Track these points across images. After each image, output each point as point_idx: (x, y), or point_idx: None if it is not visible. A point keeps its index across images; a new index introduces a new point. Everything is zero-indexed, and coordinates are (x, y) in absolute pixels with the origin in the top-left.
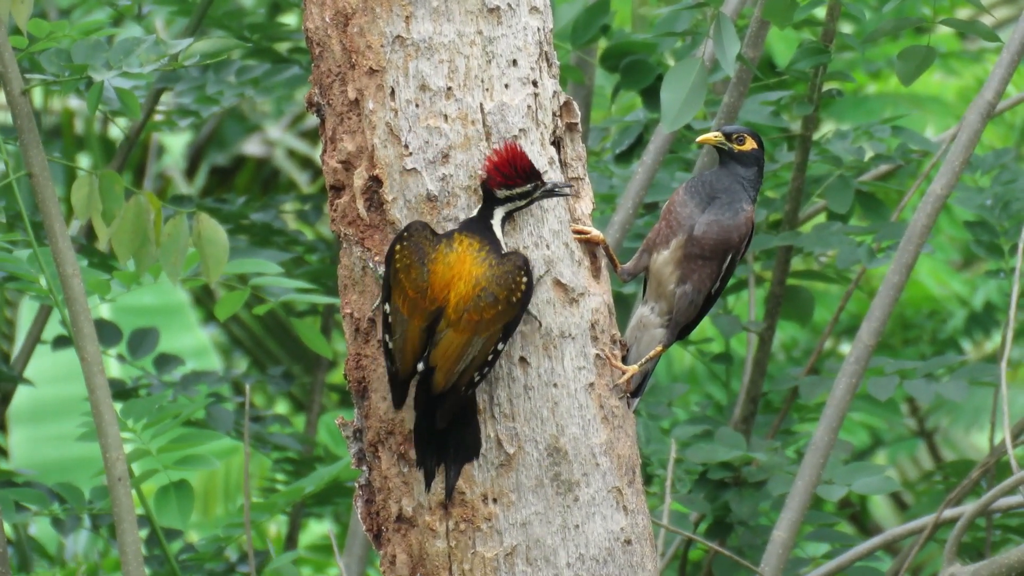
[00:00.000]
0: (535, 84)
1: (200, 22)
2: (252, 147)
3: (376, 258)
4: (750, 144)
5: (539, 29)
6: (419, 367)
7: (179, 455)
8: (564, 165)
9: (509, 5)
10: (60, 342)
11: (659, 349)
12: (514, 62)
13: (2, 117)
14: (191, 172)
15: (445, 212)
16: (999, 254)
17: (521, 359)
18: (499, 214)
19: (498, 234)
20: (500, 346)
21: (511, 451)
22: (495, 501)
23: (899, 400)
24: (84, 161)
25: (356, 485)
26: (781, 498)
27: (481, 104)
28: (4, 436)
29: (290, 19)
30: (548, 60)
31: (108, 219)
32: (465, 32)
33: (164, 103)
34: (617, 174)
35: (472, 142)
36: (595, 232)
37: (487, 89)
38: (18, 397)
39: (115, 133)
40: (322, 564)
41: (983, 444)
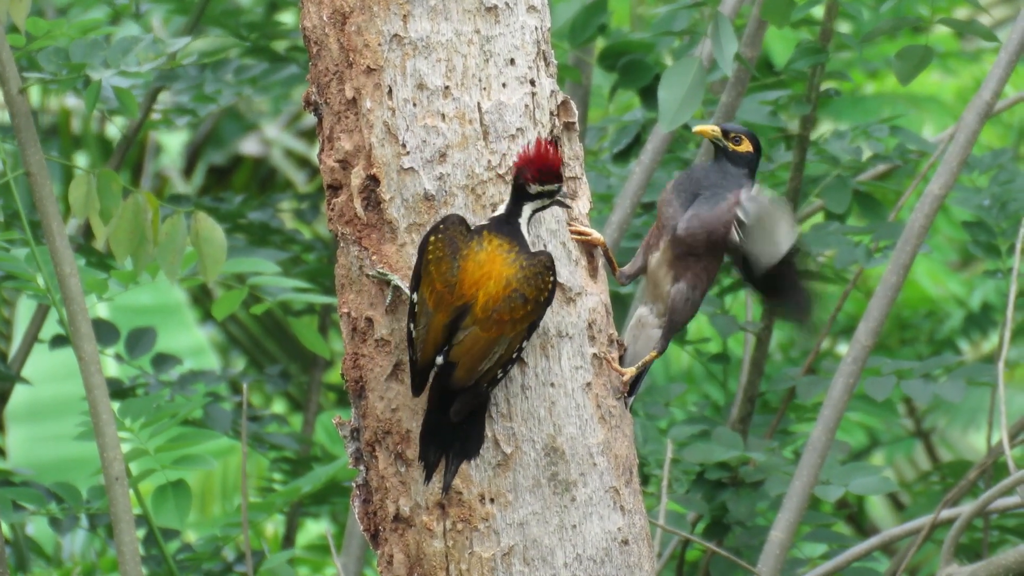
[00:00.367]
0: (533, 83)
1: (198, 20)
2: (249, 146)
3: (373, 257)
4: (746, 146)
5: (537, 28)
6: (438, 360)
7: (177, 455)
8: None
9: (507, 4)
10: (57, 341)
11: (654, 354)
12: (512, 61)
13: (1, 116)
14: (188, 171)
15: (442, 211)
16: (996, 254)
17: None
18: (527, 212)
19: (525, 233)
20: (524, 344)
21: (508, 451)
22: (492, 501)
23: (896, 400)
24: (81, 160)
25: (353, 485)
26: (778, 498)
27: (479, 103)
28: (2, 435)
29: (287, 18)
30: (546, 59)
31: (106, 218)
32: (463, 31)
33: (161, 102)
34: (615, 173)
35: (469, 141)
36: (595, 234)
37: (484, 88)
38: (15, 396)
39: (112, 132)
40: (319, 564)
41: (980, 444)
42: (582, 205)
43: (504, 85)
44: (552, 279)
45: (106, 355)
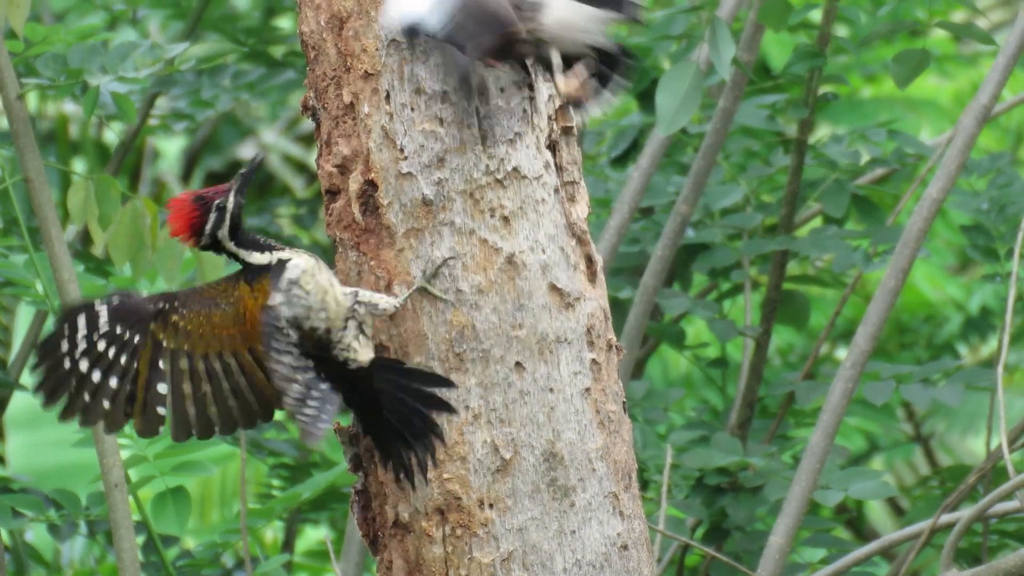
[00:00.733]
0: (530, 88)
1: (195, 26)
2: (247, 151)
3: (371, 262)
4: None
5: None
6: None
7: (176, 461)
8: (559, 169)
9: None
10: None
11: None
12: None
13: None
14: (186, 176)
15: (440, 216)
16: (995, 258)
17: (517, 364)
18: (225, 237)
19: (242, 254)
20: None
21: (507, 456)
22: (491, 506)
23: (895, 405)
24: (79, 166)
25: (352, 491)
26: (778, 503)
27: (476, 108)
28: (1, 442)
29: (285, 23)
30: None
31: (104, 224)
32: None
33: (159, 107)
34: (613, 178)
35: (468, 146)
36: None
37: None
38: (14, 403)
39: (110, 138)
40: (319, 570)
41: (979, 449)
42: (580, 210)
43: (502, 89)
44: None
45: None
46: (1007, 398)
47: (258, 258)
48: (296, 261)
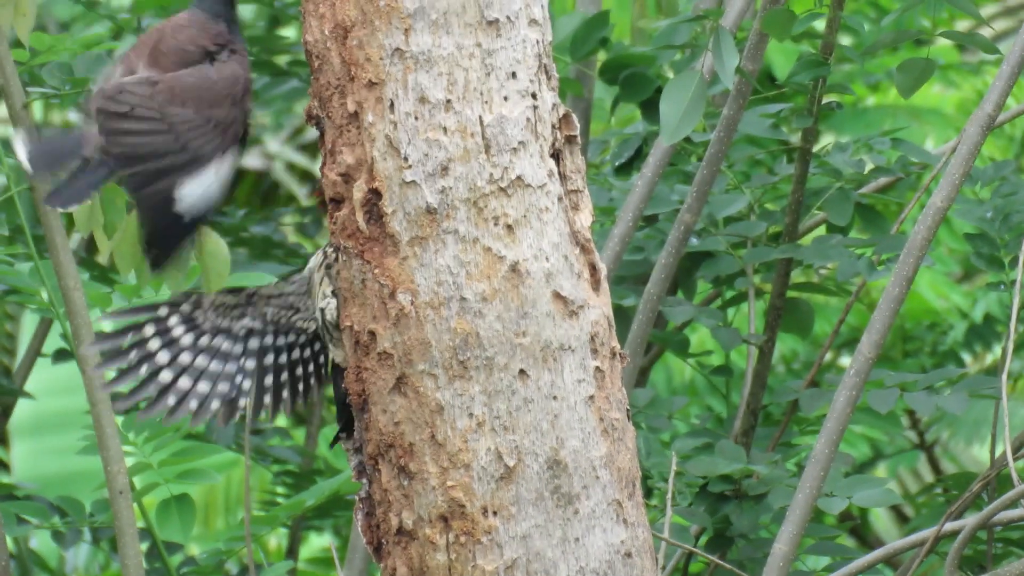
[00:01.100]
0: (534, 96)
1: None
2: (251, 160)
3: (375, 271)
4: None
5: (538, 42)
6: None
7: (180, 468)
8: (563, 178)
9: (508, 18)
10: (61, 355)
11: None
12: (513, 75)
13: (3, 131)
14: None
15: (444, 224)
16: (999, 266)
17: (521, 372)
18: None
19: None
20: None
21: (511, 464)
22: (495, 514)
23: (899, 412)
24: None
25: (356, 498)
26: (782, 511)
27: (480, 116)
28: (5, 449)
29: (289, 32)
30: (547, 73)
31: (110, 232)
32: (464, 45)
33: None
34: (617, 186)
35: (471, 155)
36: None
37: (486, 102)
38: (19, 410)
39: None
40: None
41: (984, 457)
42: (584, 218)
43: (506, 98)
44: None
45: (109, 369)
46: (1011, 406)
47: None
48: None
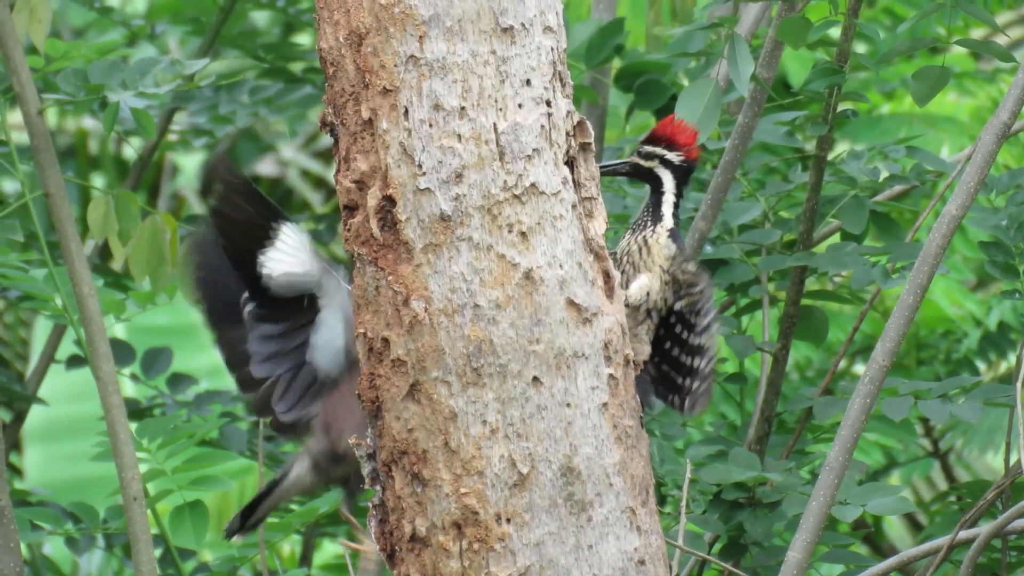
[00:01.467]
0: (548, 104)
1: (213, 42)
2: (266, 167)
3: (389, 277)
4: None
5: (553, 49)
6: None
7: (194, 475)
8: (577, 185)
9: (523, 25)
10: (74, 362)
11: None
12: (528, 82)
13: (18, 137)
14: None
15: (458, 232)
16: (1014, 274)
17: (534, 379)
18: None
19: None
20: None
21: (524, 471)
22: (508, 521)
23: (913, 420)
24: (98, 181)
25: (370, 505)
26: (795, 518)
27: (494, 124)
28: (19, 455)
29: (304, 39)
30: (562, 80)
31: (124, 239)
32: (479, 52)
33: (178, 122)
34: (631, 194)
35: (486, 162)
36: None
37: (500, 109)
38: (32, 416)
39: (129, 153)
40: None
41: (998, 465)
42: (598, 226)
43: (520, 106)
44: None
45: (122, 375)
46: None
47: None
48: None
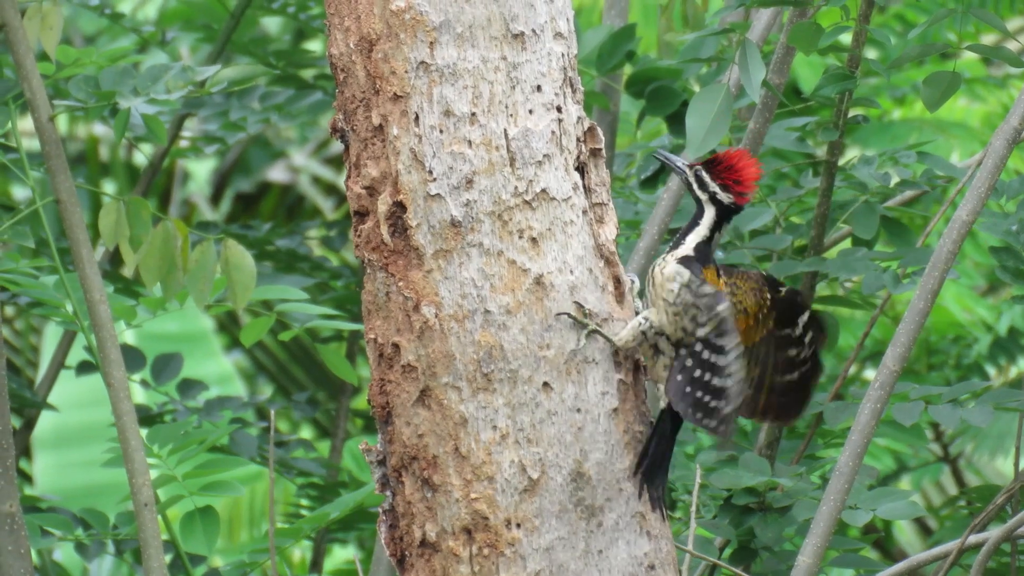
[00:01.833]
0: (559, 110)
1: (223, 48)
2: (277, 173)
3: (400, 283)
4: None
5: (563, 55)
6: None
7: (204, 481)
8: (588, 191)
9: (533, 31)
10: (84, 368)
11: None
12: (538, 88)
13: (29, 143)
14: (216, 198)
15: (469, 237)
16: None
17: (545, 384)
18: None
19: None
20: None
21: (535, 476)
22: (519, 526)
23: (924, 425)
24: (109, 188)
25: (380, 510)
26: (806, 523)
27: (505, 130)
28: (29, 462)
29: (315, 45)
30: (572, 86)
31: (136, 245)
32: (489, 58)
33: (189, 129)
34: (642, 200)
35: (496, 168)
36: None
37: (511, 115)
38: (42, 423)
39: (140, 159)
40: None
41: (1008, 470)
42: (609, 232)
43: (531, 112)
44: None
45: (132, 381)
46: None
47: None
48: None
